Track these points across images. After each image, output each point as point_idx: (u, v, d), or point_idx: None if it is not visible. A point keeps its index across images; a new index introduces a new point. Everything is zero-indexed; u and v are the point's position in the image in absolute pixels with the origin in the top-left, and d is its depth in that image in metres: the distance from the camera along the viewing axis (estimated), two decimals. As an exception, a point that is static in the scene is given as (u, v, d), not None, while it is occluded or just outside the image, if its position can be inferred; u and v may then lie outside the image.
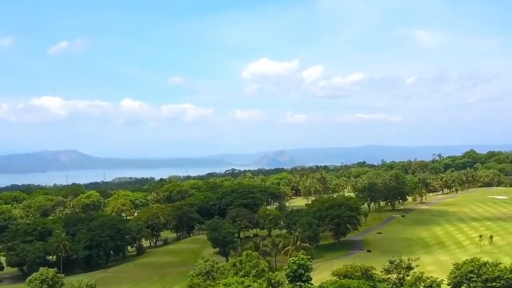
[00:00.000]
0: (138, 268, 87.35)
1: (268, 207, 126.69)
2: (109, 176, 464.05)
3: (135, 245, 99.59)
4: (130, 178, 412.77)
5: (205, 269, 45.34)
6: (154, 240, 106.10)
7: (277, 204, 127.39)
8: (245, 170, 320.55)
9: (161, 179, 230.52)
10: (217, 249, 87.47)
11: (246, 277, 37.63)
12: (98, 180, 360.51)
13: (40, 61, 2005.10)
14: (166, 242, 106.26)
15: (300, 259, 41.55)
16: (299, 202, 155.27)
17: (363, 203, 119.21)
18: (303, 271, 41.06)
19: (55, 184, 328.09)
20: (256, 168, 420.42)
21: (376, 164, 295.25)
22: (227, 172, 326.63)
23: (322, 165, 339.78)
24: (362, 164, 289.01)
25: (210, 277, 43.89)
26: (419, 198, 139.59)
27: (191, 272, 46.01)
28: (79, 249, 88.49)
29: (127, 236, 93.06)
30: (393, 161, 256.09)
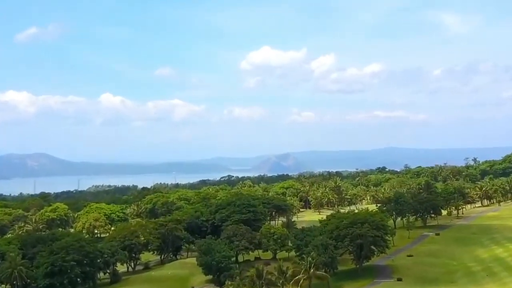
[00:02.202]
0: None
1: (273, 223, 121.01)
2: (85, 183, 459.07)
3: (108, 271, 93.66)
4: (109, 186, 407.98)
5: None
6: (133, 265, 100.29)
7: (284, 220, 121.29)
8: (244, 177, 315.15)
9: (144, 188, 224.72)
10: (210, 276, 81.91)
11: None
12: (72, 189, 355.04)
13: (5, 50, 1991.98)
14: (147, 267, 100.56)
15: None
16: (309, 217, 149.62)
17: (388, 219, 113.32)
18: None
19: (20, 193, 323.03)
20: (256, 175, 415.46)
21: (398, 170, 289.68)
22: (222, 179, 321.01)
23: (334, 171, 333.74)
24: (382, 170, 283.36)
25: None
26: (455, 211, 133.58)
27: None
28: (38, 277, 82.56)
29: (98, 260, 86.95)
30: (420, 167, 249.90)
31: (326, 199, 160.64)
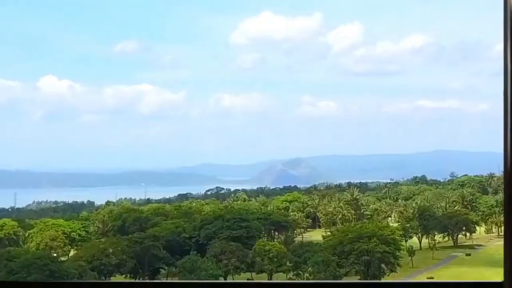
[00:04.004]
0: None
1: (271, 244, 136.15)
2: (23, 198, 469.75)
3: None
4: (56, 202, 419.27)
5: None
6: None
7: (283, 238, 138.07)
8: (238, 190, 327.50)
9: (108, 203, 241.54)
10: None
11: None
12: (6, 206, 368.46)
13: None
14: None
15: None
16: (317, 236, 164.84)
17: (411, 237, 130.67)
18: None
19: None
20: (255, 187, 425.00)
21: (441, 180, 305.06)
22: (209, 192, 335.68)
23: (359, 181, 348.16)
24: (419, 180, 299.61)
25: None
26: (496, 228, 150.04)
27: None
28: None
29: (64, 281, 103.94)
30: (466, 175, 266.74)
31: (339, 216, 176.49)
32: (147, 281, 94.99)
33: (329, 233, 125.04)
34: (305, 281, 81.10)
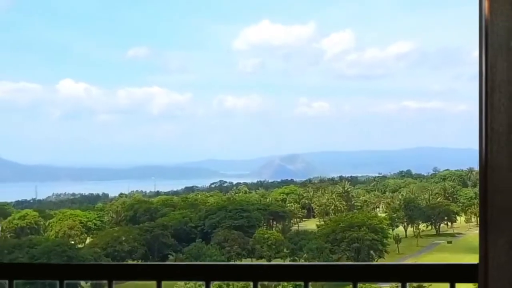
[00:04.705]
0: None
1: (270, 232, 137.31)
2: (43, 191, 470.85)
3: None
4: (74, 194, 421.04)
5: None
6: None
7: (280, 227, 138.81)
8: (240, 183, 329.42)
9: (121, 195, 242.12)
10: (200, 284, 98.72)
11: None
12: (28, 197, 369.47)
13: None
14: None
15: None
16: (312, 225, 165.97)
17: (397, 226, 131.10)
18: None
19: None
20: (255, 181, 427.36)
21: (425, 174, 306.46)
22: (213, 185, 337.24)
23: (350, 175, 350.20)
24: (405, 174, 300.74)
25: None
26: (475, 218, 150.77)
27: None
28: (17, 284, 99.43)
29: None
30: (448, 170, 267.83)
31: (332, 207, 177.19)
32: (158, 263, 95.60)
33: (322, 223, 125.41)
34: (300, 263, 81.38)
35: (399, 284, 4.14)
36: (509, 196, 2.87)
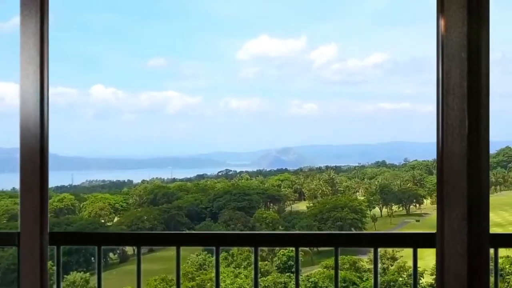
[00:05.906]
0: (121, 275, 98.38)
1: (267, 212, 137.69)
2: (78, 178, 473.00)
3: (117, 252, 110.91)
4: (103, 181, 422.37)
5: (197, 262, 57.02)
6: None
7: (276, 208, 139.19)
8: (242, 171, 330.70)
9: (143, 181, 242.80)
10: (207, 253, 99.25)
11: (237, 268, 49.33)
12: (66, 183, 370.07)
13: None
14: (151, 249, 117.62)
15: (290, 251, 53.37)
16: (302, 207, 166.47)
17: (374, 207, 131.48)
18: (292, 263, 52.82)
19: (13, 188, 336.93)
20: (255, 169, 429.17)
21: (397, 164, 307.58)
22: (220, 173, 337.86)
23: (334, 165, 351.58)
24: (380, 164, 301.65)
25: (203, 270, 55.49)
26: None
27: (184, 266, 57.43)
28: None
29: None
30: (416, 160, 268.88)
31: (320, 191, 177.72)
32: (177, 231, 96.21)
33: (311, 204, 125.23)
34: (292, 231, 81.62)
35: (373, 251, 4.26)
36: (459, 177, 3.05)
